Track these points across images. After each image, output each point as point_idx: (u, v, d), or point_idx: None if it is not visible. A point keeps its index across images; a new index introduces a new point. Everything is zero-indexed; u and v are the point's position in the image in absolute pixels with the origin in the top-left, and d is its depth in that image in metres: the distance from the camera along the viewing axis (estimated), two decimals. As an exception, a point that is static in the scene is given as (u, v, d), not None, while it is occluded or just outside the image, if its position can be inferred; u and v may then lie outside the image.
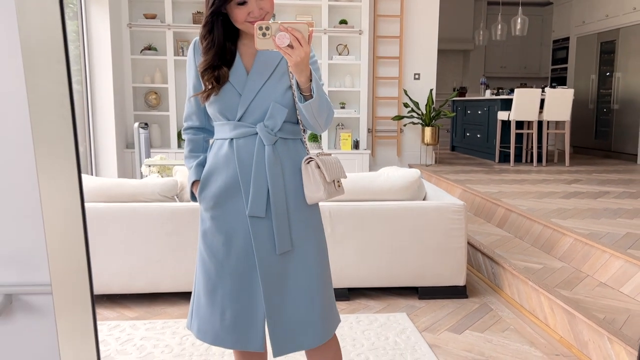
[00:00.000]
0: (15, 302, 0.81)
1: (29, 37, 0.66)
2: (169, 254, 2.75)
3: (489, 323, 2.57)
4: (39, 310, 0.81)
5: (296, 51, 1.20)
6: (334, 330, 1.48)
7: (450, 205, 2.82)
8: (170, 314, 2.70)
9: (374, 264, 2.82)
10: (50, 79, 0.67)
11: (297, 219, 1.40)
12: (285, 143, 1.39)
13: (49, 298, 0.80)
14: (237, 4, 1.29)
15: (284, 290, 1.40)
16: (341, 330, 2.47)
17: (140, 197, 2.79)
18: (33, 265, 0.80)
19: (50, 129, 0.71)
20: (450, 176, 5.35)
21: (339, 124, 6.17)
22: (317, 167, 1.37)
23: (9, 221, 0.79)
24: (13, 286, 0.79)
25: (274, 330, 1.40)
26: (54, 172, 0.73)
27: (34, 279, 0.80)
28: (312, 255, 1.41)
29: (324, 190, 1.36)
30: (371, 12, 6.07)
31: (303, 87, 1.29)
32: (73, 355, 0.72)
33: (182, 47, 5.83)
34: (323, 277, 1.44)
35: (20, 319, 0.81)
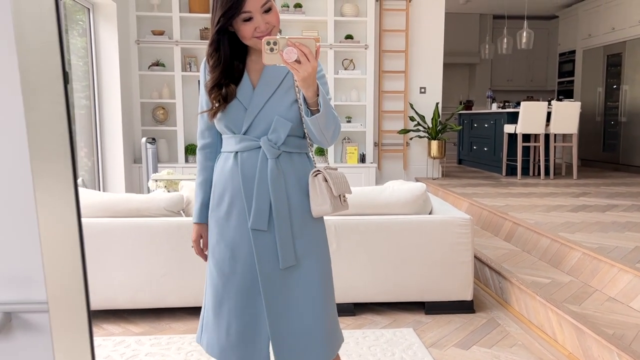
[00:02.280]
0: (15, 320, 0.81)
1: (26, 58, 0.67)
2: (175, 269, 2.75)
3: (497, 338, 2.54)
4: (38, 329, 0.81)
5: (303, 66, 1.20)
6: (338, 350, 1.47)
7: (456, 219, 2.80)
8: (175, 330, 2.69)
9: (379, 279, 2.80)
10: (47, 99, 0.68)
11: (300, 233, 1.40)
12: (289, 157, 1.40)
13: (48, 316, 0.80)
14: (243, 20, 1.30)
15: (287, 307, 1.40)
16: (347, 346, 2.45)
17: (146, 212, 2.80)
18: (32, 284, 0.80)
19: (48, 149, 0.72)
20: (457, 189, 5.33)
21: (345, 138, 6.18)
22: (324, 180, 1.37)
23: (9, 240, 0.80)
24: (12, 304, 0.79)
25: (278, 348, 1.39)
26: (51, 192, 0.73)
27: (33, 297, 0.80)
28: (316, 271, 1.41)
29: (330, 204, 1.36)
30: (376, 27, 6.12)
31: (310, 102, 1.29)
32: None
33: (190, 63, 5.89)
34: (327, 295, 1.43)
35: (20, 337, 0.81)
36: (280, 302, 1.39)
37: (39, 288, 0.80)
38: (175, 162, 5.92)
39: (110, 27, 5.26)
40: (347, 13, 5.94)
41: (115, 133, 5.43)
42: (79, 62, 5.10)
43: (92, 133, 5.30)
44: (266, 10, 1.31)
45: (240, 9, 1.28)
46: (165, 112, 6.02)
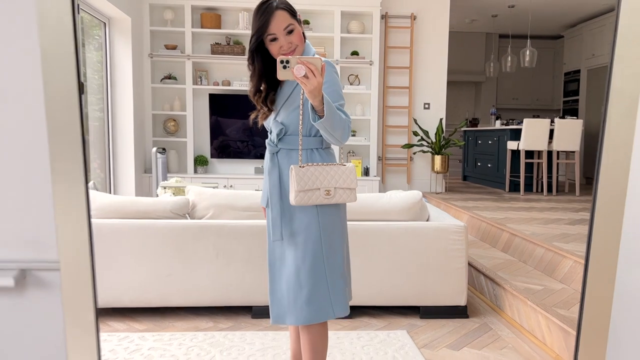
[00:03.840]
0: (29, 276, 0.93)
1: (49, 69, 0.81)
2: (179, 270, 2.86)
3: (488, 341, 2.61)
4: (48, 285, 0.93)
5: (311, 80, 1.42)
6: (320, 320, 1.66)
7: (451, 226, 2.90)
8: (178, 328, 2.79)
9: (376, 283, 2.89)
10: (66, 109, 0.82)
11: (292, 216, 1.68)
12: (287, 153, 1.69)
13: (56, 274, 0.92)
14: (270, 40, 1.60)
15: (280, 273, 1.73)
16: (341, 345, 2.54)
17: (153, 214, 2.93)
18: (44, 246, 0.93)
19: (63, 142, 0.85)
20: (458, 203, 5.41)
21: (350, 151, 6.31)
22: (293, 176, 1.61)
23: (25, 208, 0.92)
24: (27, 262, 0.92)
25: (271, 304, 1.75)
26: (65, 170, 0.86)
27: (45, 257, 0.92)
28: (300, 249, 1.66)
29: (294, 197, 1.60)
30: (382, 43, 6.29)
31: (317, 109, 1.50)
32: (75, 322, 0.83)
33: (201, 77, 6.08)
34: (314, 270, 1.65)
35: (32, 292, 0.94)
36: (276, 268, 1.74)
37: (50, 250, 0.92)
38: (184, 173, 6.08)
39: (124, 41, 5.47)
40: (354, 30, 6.12)
41: (127, 143, 5.61)
42: (95, 76, 5.30)
43: (104, 143, 5.48)
44: (289, 32, 1.60)
45: (266, 32, 1.58)
46: (176, 124, 6.21)
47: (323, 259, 1.66)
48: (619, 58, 0.72)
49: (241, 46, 6.08)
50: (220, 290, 2.87)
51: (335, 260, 1.69)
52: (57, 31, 0.73)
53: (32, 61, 0.80)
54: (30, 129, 0.86)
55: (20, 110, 0.82)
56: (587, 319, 0.81)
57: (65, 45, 0.73)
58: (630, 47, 0.70)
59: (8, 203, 0.91)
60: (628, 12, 0.69)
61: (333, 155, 1.76)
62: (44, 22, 0.76)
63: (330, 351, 2.47)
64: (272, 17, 1.58)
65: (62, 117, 0.78)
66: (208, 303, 2.90)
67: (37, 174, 0.90)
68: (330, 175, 1.63)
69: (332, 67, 1.64)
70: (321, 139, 1.68)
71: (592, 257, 0.78)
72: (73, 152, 0.79)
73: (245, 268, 2.84)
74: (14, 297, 0.93)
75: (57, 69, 0.74)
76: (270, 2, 1.60)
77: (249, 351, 2.47)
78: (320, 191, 1.60)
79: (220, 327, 2.79)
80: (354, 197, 1.67)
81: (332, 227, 1.68)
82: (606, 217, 0.75)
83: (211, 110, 6.08)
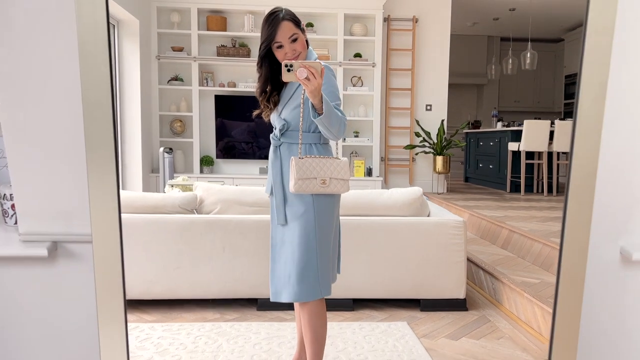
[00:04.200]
0: (60, 248, 1.03)
1: (88, 99, 0.91)
2: (187, 263, 2.95)
3: (485, 332, 2.70)
4: (78, 256, 1.03)
5: (312, 82, 1.60)
6: (311, 298, 1.84)
7: (450, 221, 2.99)
8: (185, 319, 2.89)
9: (377, 276, 2.98)
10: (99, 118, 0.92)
11: (291, 202, 1.87)
12: (288, 146, 1.88)
13: (85, 246, 1.02)
14: (277, 47, 1.80)
15: (279, 254, 1.91)
16: (344, 334, 2.63)
17: (162, 209, 3.03)
18: (75, 219, 1.03)
19: (97, 126, 0.95)
20: (459, 202, 5.50)
21: (353, 152, 6.41)
22: (293, 166, 1.79)
23: (58, 184, 1.02)
24: (59, 235, 1.02)
25: (271, 283, 1.94)
26: (97, 153, 0.97)
27: (75, 230, 1.02)
28: (297, 232, 1.84)
29: (293, 184, 1.78)
30: (384, 46, 6.40)
31: (317, 107, 1.68)
32: (105, 287, 0.93)
33: (207, 78, 6.20)
34: (306, 252, 1.84)
35: (63, 263, 1.04)
36: (277, 250, 1.93)
37: (80, 224, 1.02)
38: (190, 173, 6.19)
39: (133, 43, 5.60)
40: (356, 32, 6.23)
41: (134, 144, 5.73)
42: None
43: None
44: (293, 40, 1.79)
45: (273, 40, 1.78)
46: (183, 125, 6.32)
47: (315, 243, 1.84)
48: (588, 49, 0.81)
49: (246, 48, 6.20)
50: (226, 283, 2.97)
51: (325, 245, 1.87)
52: (93, 25, 0.84)
53: (70, 55, 0.91)
54: (66, 114, 0.97)
55: (60, 96, 0.92)
56: (563, 284, 0.90)
57: (100, 37, 0.83)
58: (597, 38, 0.79)
59: (42, 182, 1.01)
60: (598, 5, 0.78)
61: (330, 150, 1.94)
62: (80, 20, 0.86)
63: (333, 340, 2.56)
64: (279, 27, 1.77)
65: (95, 100, 0.88)
66: (215, 295, 2.99)
67: (69, 157, 1.00)
68: (326, 166, 1.82)
69: (330, 71, 1.83)
70: (319, 134, 1.86)
71: (567, 226, 0.87)
72: (105, 136, 0.89)
73: (251, 262, 2.94)
74: (47, 267, 1.03)
75: (92, 58, 0.85)
76: (277, 14, 1.79)
77: (255, 340, 2.56)
78: (317, 180, 1.78)
79: (226, 318, 2.89)
80: (347, 187, 1.85)
81: (325, 215, 1.86)
82: (579, 189, 0.83)
83: (217, 112, 6.20)
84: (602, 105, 0.85)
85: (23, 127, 0.97)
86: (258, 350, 2.45)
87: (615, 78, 0.88)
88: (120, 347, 0.98)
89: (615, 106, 0.93)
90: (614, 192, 0.97)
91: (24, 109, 0.97)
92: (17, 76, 0.94)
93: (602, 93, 0.82)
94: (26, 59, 0.93)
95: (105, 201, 0.93)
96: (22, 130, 0.97)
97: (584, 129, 0.88)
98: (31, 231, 1.01)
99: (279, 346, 2.49)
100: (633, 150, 0.96)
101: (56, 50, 0.92)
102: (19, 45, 0.92)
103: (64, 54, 0.92)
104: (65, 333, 1.06)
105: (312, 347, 1.90)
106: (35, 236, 1.01)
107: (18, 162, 0.99)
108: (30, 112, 0.97)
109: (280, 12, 1.80)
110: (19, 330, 1.07)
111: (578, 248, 0.87)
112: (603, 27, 0.79)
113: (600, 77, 0.81)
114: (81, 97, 0.88)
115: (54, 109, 0.97)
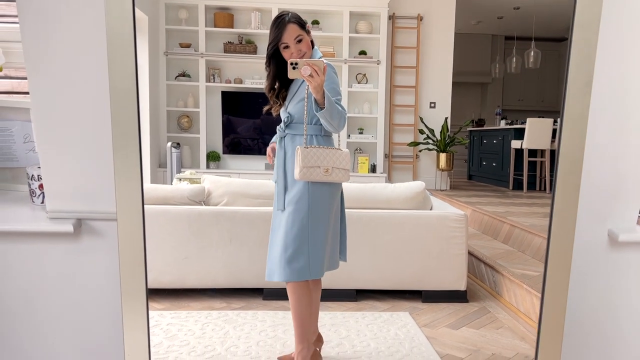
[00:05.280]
0: (84, 225, 1.11)
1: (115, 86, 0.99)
2: (195, 253, 3.03)
3: (485, 322, 2.77)
4: (101, 233, 1.11)
5: (315, 79, 1.75)
6: (298, 278, 1.98)
7: (451, 215, 3.06)
8: (193, 307, 2.97)
9: (380, 268, 3.06)
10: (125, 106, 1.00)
11: (291, 189, 2.01)
12: (292, 137, 2.03)
13: (107, 224, 1.10)
14: (283, 48, 1.95)
15: (276, 237, 2.06)
16: (347, 323, 2.71)
17: (171, 200, 3.11)
18: (98, 198, 1.11)
19: (122, 109, 1.03)
20: (462, 199, 5.57)
21: (357, 149, 6.49)
22: (299, 154, 1.92)
23: (84, 165, 1.10)
24: (84, 213, 1.10)
25: (267, 263, 2.08)
26: (123, 139, 1.04)
27: (99, 208, 1.10)
28: (291, 217, 1.99)
29: (299, 171, 1.91)
30: (389, 43, 6.46)
31: (319, 102, 1.82)
32: (129, 261, 1.01)
33: (214, 75, 6.28)
34: (299, 235, 1.97)
35: (87, 239, 1.12)
36: (275, 233, 2.07)
37: (104, 202, 1.09)
38: (197, 168, 6.27)
39: (141, 39, 5.68)
40: (362, 30, 6.30)
41: (142, 139, 5.80)
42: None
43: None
44: (298, 41, 1.93)
45: (279, 41, 1.93)
46: (190, 120, 6.41)
47: (308, 228, 1.96)
48: (575, 42, 0.87)
49: (253, 45, 6.28)
50: (233, 273, 3.05)
51: (318, 231, 1.99)
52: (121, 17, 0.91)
53: (98, 41, 0.99)
54: (92, 100, 1.04)
55: (87, 82, 1.00)
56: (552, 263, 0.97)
57: (127, 29, 0.91)
58: (583, 32, 0.86)
59: (68, 163, 1.09)
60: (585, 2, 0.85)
61: (332, 141, 2.07)
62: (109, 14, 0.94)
63: (336, 328, 2.64)
64: (285, 30, 1.92)
65: (122, 87, 0.96)
66: (221, 285, 3.07)
67: (94, 140, 1.08)
68: (329, 156, 1.95)
69: (332, 69, 1.96)
70: (321, 127, 1.99)
71: (555, 209, 0.94)
72: (130, 120, 0.96)
73: (257, 252, 3.02)
74: (72, 243, 1.11)
75: (120, 48, 0.93)
76: (283, 17, 1.94)
77: (261, 327, 2.64)
78: (320, 169, 1.91)
79: (233, 307, 2.97)
80: (347, 177, 1.99)
81: (319, 203, 1.98)
82: (567, 173, 0.90)
83: (223, 107, 6.28)
84: (588, 92, 0.92)
85: (51, 112, 1.05)
86: (264, 336, 2.53)
87: (602, 66, 0.95)
88: (141, 320, 1.06)
89: (602, 93, 0.99)
90: (601, 177, 1.04)
91: (52, 94, 1.04)
92: (46, 61, 1.02)
93: (589, 80, 0.88)
94: (55, 44, 1.00)
95: (130, 179, 1.01)
96: (50, 115, 1.05)
97: (572, 113, 0.94)
98: (57, 209, 1.09)
99: (284, 333, 2.57)
100: (620, 135, 1.03)
101: (84, 37, 1.00)
102: (48, 31, 1.00)
103: (92, 41, 1.00)
104: (88, 305, 1.14)
105: (294, 321, 2.08)
106: (62, 213, 1.09)
107: (46, 144, 1.06)
108: (59, 97, 1.05)
109: (287, 15, 1.95)
110: (44, 302, 1.14)
111: (565, 230, 0.93)
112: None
113: (587, 66, 0.87)
114: (109, 84, 0.95)
115: (81, 94, 1.05)
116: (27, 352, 1.13)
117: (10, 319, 1.13)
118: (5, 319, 1.12)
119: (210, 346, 2.42)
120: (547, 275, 0.98)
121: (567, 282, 0.98)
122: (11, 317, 1.12)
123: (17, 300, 1.11)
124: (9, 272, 1.09)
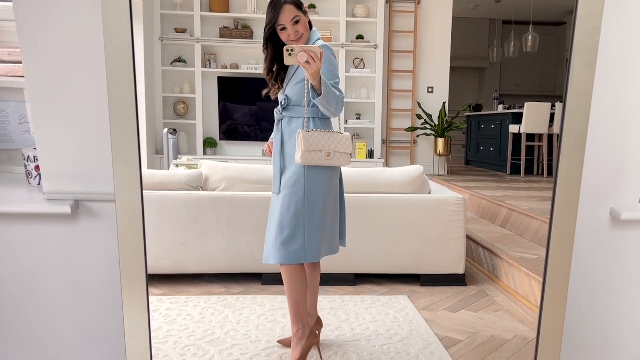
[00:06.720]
0: (81, 207, 1.10)
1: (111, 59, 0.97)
2: (193, 239, 3.03)
3: (484, 305, 2.78)
4: (99, 214, 1.09)
5: (311, 65, 1.72)
6: (293, 261, 1.98)
7: (450, 199, 3.06)
8: (192, 293, 2.97)
9: (379, 252, 3.06)
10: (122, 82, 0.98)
11: (286, 171, 2.01)
12: (289, 120, 2.01)
13: (105, 205, 1.09)
14: (280, 30, 1.91)
15: (273, 219, 2.05)
16: (346, 307, 2.72)
17: (168, 185, 3.10)
18: (96, 179, 1.09)
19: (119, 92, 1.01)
20: (460, 184, 5.57)
21: (355, 134, 6.46)
22: (300, 138, 1.89)
23: (81, 146, 1.08)
24: (81, 194, 1.08)
25: (265, 246, 2.08)
26: (121, 122, 1.02)
27: (96, 189, 1.09)
28: (287, 200, 1.98)
29: (300, 155, 1.89)
30: (386, 28, 6.41)
31: (316, 88, 1.81)
32: (129, 240, 1.00)
33: (210, 60, 6.23)
34: (294, 218, 1.96)
35: (85, 220, 1.10)
36: (272, 214, 2.07)
37: (101, 184, 1.08)
38: (194, 154, 6.24)
39: (136, 24, 5.60)
40: (359, 14, 6.24)
41: (139, 125, 5.77)
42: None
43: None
44: (295, 22, 1.90)
45: (276, 22, 1.89)
46: (186, 107, 6.37)
47: (304, 212, 1.96)
48: (580, 17, 0.86)
49: (249, 30, 6.22)
50: (231, 258, 3.04)
51: (314, 215, 1.97)
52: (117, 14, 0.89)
53: (94, 19, 0.96)
54: (89, 79, 1.02)
55: (83, 60, 0.98)
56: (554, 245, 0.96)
57: (122, 8, 0.89)
58: (589, 6, 0.84)
59: (65, 144, 1.08)
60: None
61: (330, 124, 2.05)
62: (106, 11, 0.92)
63: (336, 312, 2.65)
64: (282, 11, 1.88)
65: (118, 66, 0.94)
66: (220, 270, 3.07)
67: (91, 119, 1.06)
68: (331, 140, 1.93)
69: (330, 50, 1.93)
70: (318, 109, 1.96)
71: (558, 189, 0.93)
72: (128, 99, 0.95)
73: (255, 237, 3.01)
74: (70, 224, 1.10)
75: (115, 26, 0.90)
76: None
77: (260, 311, 2.65)
78: (322, 153, 1.89)
79: (232, 292, 2.97)
80: (348, 160, 1.98)
81: (315, 187, 1.97)
82: (570, 151, 0.89)
83: (220, 93, 6.23)
84: (592, 69, 0.91)
85: (47, 91, 1.03)
86: (263, 320, 2.54)
87: (607, 43, 0.94)
88: (141, 300, 1.05)
89: (606, 71, 0.98)
90: (604, 155, 1.03)
91: (48, 73, 1.02)
92: (41, 40, 1.00)
93: (593, 57, 0.87)
94: (50, 22, 0.98)
95: (127, 157, 0.99)
96: (46, 94, 1.03)
97: (576, 90, 0.93)
98: (55, 190, 1.08)
99: (283, 317, 2.58)
100: (624, 113, 1.02)
101: (80, 14, 0.97)
102: (43, 8, 0.98)
103: (88, 19, 0.98)
104: (87, 287, 1.13)
105: (289, 304, 2.07)
106: (59, 195, 1.07)
107: (42, 125, 1.05)
108: (54, 77, 1.03)
109: None
110: (44, 285, 1.13)
111: (569, 207, 0.93)
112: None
113: (592, 41, 0.86)
114: (105, 62, 0.93)
115: (77, 73, 1.03)
116: (26, 334, 1.13)
117: (8, 301, 1.12)
118: (3, 302, 1.11)
119: (210, 330, 2.42)
120: (549, 254, 0.98)
121: (570, 261, 0.97)
122: (9, 299, 1.11)
123: (15, 282, 1.10)
124: (6, 254, 1.08)
